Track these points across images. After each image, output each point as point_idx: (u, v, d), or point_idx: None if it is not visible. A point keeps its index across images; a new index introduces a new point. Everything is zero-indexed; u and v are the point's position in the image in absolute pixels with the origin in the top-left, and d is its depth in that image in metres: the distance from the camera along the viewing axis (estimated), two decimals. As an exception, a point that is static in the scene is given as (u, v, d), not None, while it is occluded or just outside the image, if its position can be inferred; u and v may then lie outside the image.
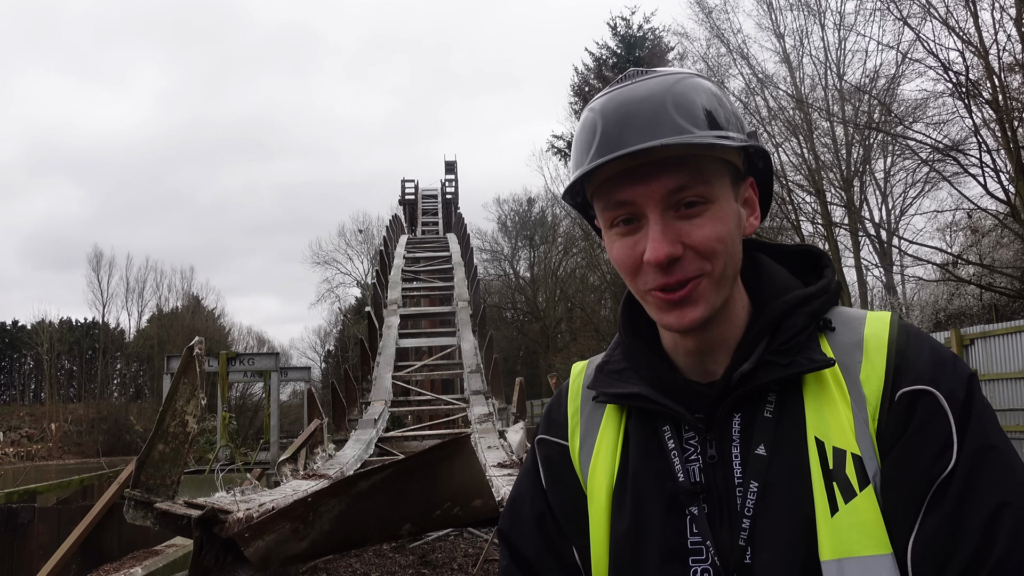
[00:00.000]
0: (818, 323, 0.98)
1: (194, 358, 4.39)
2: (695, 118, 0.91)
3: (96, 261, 55.50)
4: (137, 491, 4.16)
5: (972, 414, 0.88)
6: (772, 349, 0.95)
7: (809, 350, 0.95)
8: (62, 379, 58.23)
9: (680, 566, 0.94)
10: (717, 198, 0.93)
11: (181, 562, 6.74)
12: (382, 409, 11.10)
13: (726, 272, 0.94)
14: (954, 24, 14.33)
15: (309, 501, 3.36)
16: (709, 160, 0.93)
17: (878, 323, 0.97)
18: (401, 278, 17.82)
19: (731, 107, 0.97)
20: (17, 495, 11.88)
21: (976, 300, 19.28)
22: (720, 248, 0.92)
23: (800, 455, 0.91)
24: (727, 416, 0.96)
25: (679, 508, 0.96)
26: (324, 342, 56.67)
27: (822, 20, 21.77)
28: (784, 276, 1.04)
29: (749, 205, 1.01)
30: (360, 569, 8.88)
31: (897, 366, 0.92)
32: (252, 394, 44.81)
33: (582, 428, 1.09)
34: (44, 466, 37.45)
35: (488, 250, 46.37)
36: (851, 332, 0.97)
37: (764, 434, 0.93)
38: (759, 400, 0.96)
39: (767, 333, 0.97)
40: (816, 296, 1.00)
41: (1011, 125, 13.62)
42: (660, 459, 0.99)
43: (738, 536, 0.92)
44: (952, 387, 0.89)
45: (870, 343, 0.95)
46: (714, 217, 0.93)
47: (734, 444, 0.95)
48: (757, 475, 0.92)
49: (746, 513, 0.92)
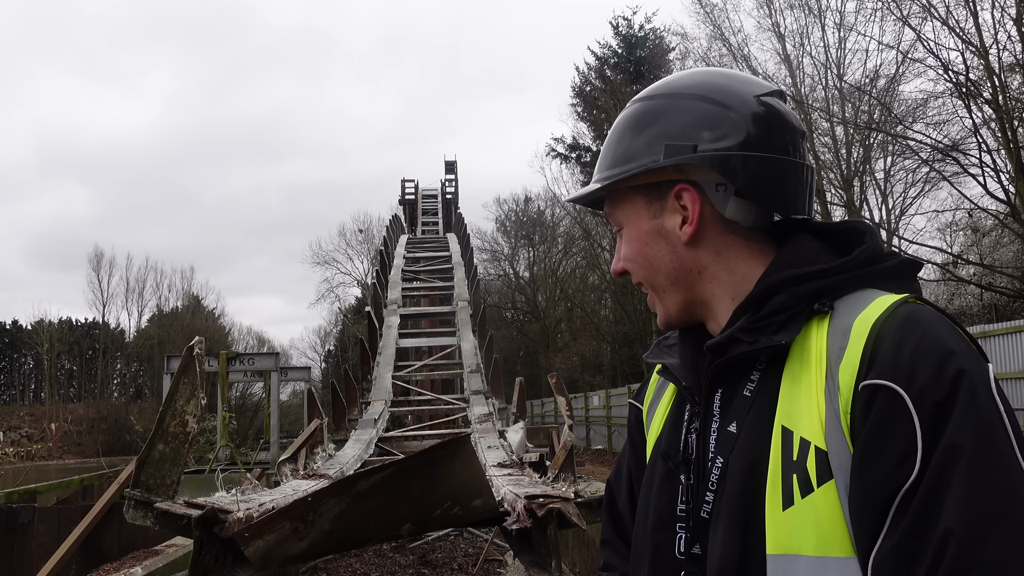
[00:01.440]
0: (811, 304, 0.93)
1: (194, 358, 4.39)
2: (615, 155, 1.06)
3: (96, 261, 55.49)
4: (137, 491, 4.15)
5: (950, 419, 0.76)
6: (743, 327, 0.94)
7: (782, 331, 0.91)
8: (62, 379, 58.23)
9: (668, 527, 1.00)
10: (622, 224, 1.07)
11: (181, 562, 6.74)
12: (382, 409, 11.09)
13: (655, 282, 1.05)
14: (954, 24, 14.34)
15: (309, 501, 3.36)
16: (619, 191, 1.06)
17: (875, 308, 0.88)
18: (401, 278, 17.81)
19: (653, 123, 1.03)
20: (17, 495, 11.88)
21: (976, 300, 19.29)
22: (631, 266, 1.06)
23: (762, 439, 0.90)
24: (710, 391, 0.99)
25: (674, 475, 1.01)
26: (324, 342, 56.73)
27: (822, 20, 21.78)
28: (807, 254, 0.98)
29: (686, 211, 1.02)
30: (360, 569, 8.87)
31: (868, 357, 0.83)
32: (252, 394, 44.81)
33: (653, 395, 1.18)
34: (44, 466, 37.44)
35: (488, 250, 46.39)
36: (848, 316, 0.90)
37: (739, 412, 0.94)
38: (742, 377, 0.96)
39: (750, 310, 0.96)
40: (816, 276, 0.94)
41: (1011, 125, 13.61)
42: (677, 428, 1.06)
43: (701, 508, 0.95)
44: (926, 385, 0.78)
45: (856, 328, 0.87)
46: (627, 239, 1.06)
47: (713, 419, 0.97)
48: (724, 452, 0.94)
49: (711, 488, 0.94)
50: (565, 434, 5.41)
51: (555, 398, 6.68)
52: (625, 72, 31.12)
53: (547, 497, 3.95)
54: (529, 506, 3.85)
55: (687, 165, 1.00)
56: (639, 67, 30.86)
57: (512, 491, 4.25)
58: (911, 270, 0.97)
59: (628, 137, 1.04)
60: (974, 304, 19.47)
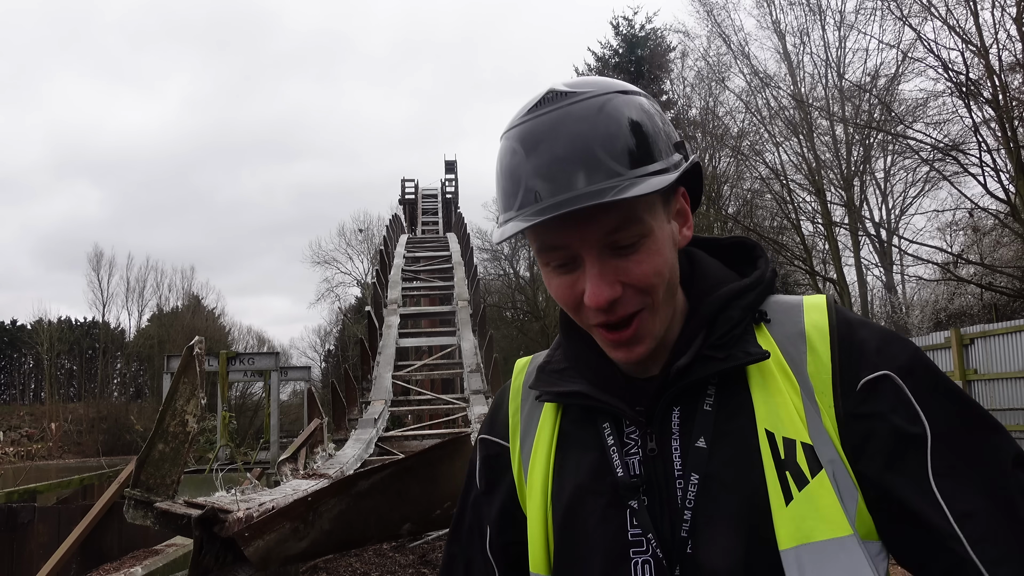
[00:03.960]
0: (754, 315, 0.98)
1: (194, 358, 4.39)
2: (624, 155, 0.87)
3: (96, 261, 55.54)
4: (137, 490, 4.15)
5: (924, 380, 0.92)
6: (709, 343, 0.96)
7: (745, 343, 0.95)
8: (62, 379, 58.23)
9: (620, 560, 0.94)
10: (651, 230, 0.91)
11: (181, 562, 6.75)
12: (382, 409, 11.10)
13: (666, 299, 0.95)
14: (954, 23, 14.34)
15: (309, 501, 3.36)
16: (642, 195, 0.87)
17: (816, 312, 0.97)
18: (401, 277, 17.81)
19: (659, 121, 0.94)
20: (17, 495, 11.89)
21: (976, 300, 19.29)
22: (657, 281, 0.92)
23: (746, 447, 0.92)
24: (666, 410, 0.97)
25: (618, 502, 0.96)
26: (324, 342, 56.68)
27: (823, 19, 21.80)
28: (718, 270, 1.04)
29: (682, 216, 0.99)
30: (360, 569, 8.87)
31: (843, 357, 0.93)
32: (252, 394, 44.84)
33: (522, 427, 1.10)
34: (44, 466, 37.48)
35: (488, 249, 46.37)
36: (791, 322, 0.97)
37: (704, 427, 0.94)
38: (698, 394, 0.96)
39: (703, 328, 0.98)
40: (751, 288, 1.00)
41: (1011, 124, 13.62)
42: (600, 454, 1.00)
43: (680, 528, 0.92)
44: (900, 364, 0.92)
45: (812, 334, 0.95)
46: (650, 251, 0.91)
47: (674, 437, 0.96)
48: (697, 467, 0.93)
49: (687, 505, 0.92)
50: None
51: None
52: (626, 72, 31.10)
53: (547, 497, 3.95)
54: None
55: None
56: (640, 67, 30.86)
57: (512, 491, 4.25)
58: (775, 278, 1.07)
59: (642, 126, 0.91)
60: (974, 304, 19.47)
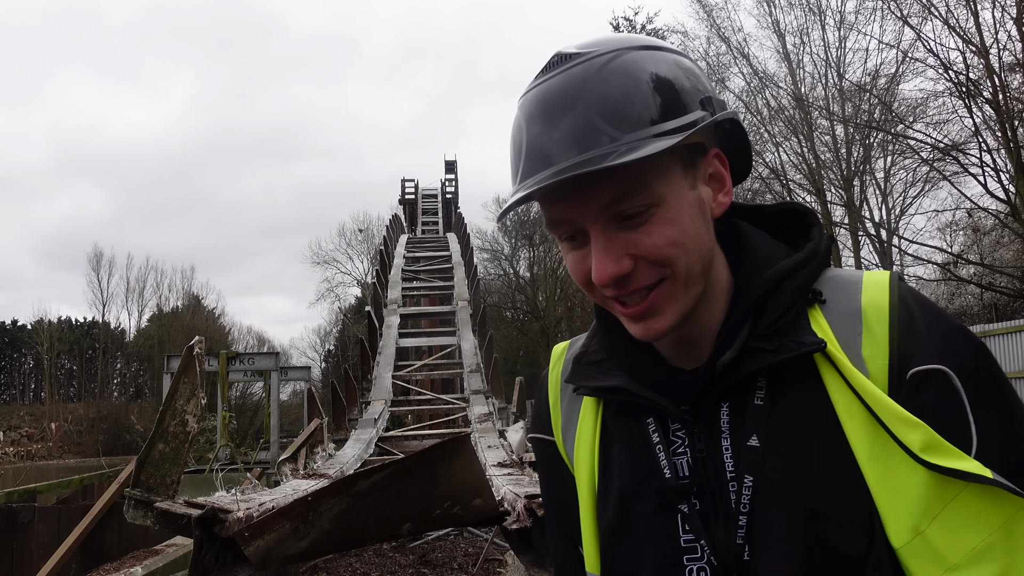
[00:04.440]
0: (807, 296, 0.88)
1: (194, 358, 4.39)
2: (625, 119, 0.81)
3: (96, 261, 55.57)
4: (137, 490, 4.15)
5: (986, 388, 0.82)
6: (757, 333, 0.87)
7: (798, 331, 0.86)
8: (62, 379, 58.22)
9: (673, 567, 0.88)
10: (663, 198, 0.83)
11: (181, 562, 6.74)
12: (382, 409, 11.10)
13: (691, 270, 0.85)
14: (955, 23, 14.35)
15: (309, 500, 3.36)
16: (657, 156, 0.80)
17: (876, 289, 0.87)
18: (401, 277, 17.81)
19: (681, 76, 0.86)
20: (17, 495, 11.89)
21: (976, 300, 19.30)
22: (675, 252, 0.83)
23: (802, 443, 0.84)
24: (714, 407, 0.89)
25: (668, 506, 0.90)
26: (324, 342, 56.67)
27: (823, 19, 21.81)
28: (766, 245, 0.94)
29: (717, 180, 0.90)
30: (360, 569, 8.88)
31: (902, 341, 0.83)
32: (252, 394, 44.82)
33: (563, 419, 1.04)
34: (44, 466, 37.47)
35: (488, 249, 46.39)
36: (847, 301, 0.87)
37: (756, 424, 0.86)
38: (748, 387, 0.87)
39: (750, 316, 0.88)
40: (803, 264, 0.90)
41: (1011, 125, 13.62)
42: (645, 454, 0.92)
43: (735, 534, 0.85)
44: (961, 361, 0.82)
45: (869, 314, 0.85)
46: (662, 221, 0.83)
47: (723, 436, 0.88)
48: (751, 468, 0.85)
49: (742, 509, 0.85)
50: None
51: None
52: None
53: (547, 497, 3.95)
54: (529, 505, 3.84)
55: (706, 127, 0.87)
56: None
57: (512, 490, 4.25)
58: (830, 250, 0.97)
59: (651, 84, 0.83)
60: (974, 304, 19.47)
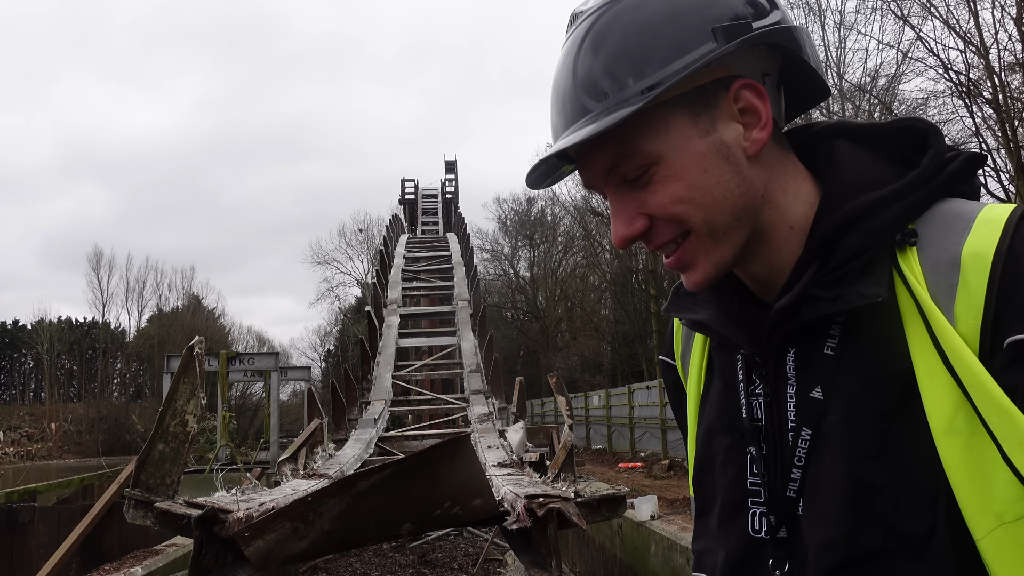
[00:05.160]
0: (893, 237, 0.76)
1: (194, 358, 4.39)
2: (592, 86, 0.78)
3: (96, 261, 55.74)
4: (137, 491, 4.15)
5: None
6: (816, 280, 0.78)
7: (865, 278, 0.76)
8: (62, 379, 58.24)
9: (740, 506, 0.86)
10: (661, 155, 0.79)
11: (181, 562, 6.75)
12: (382, 409, 11.09)
13: (713, 223, 0.80)
14: (955, 23, 14.35)
15: (309, 501, 3.36)
16: (648, 113, 0.77)
17: (986, 230, 0.72)
18: (401, 278, 17.81)
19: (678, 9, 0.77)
20: (17, 495, 11.90)
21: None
22: (682, 208, 0.79)
23: (868, 401, 0.75)
24: (780, 352, 0.82)
25: (739, 446, 0.87)
26: (324, 342, 56.75)
27: (822, 19, 21.81)
28: (863, 171, 0.82)
29: (752, 114, 0.80)
30: (360, 569, 8.88)
31: (1002, 300, 0.69)
32: (252, 394, 44.84)
33: (682, 346, 1.02)
34: (44, 466, 37.47)
35: (488, 250, 46.42)
36: (948, 244, 0.73)
37: (822, 375, 0.79)
38: (820, 333, 0.79)
39: (817, 256, 0.79)
40: (893, 199, 0.77)
41: (1011, 125, 13.62)
42: (730, 390, 0.89)
43: (787, 486, 0.81)
44: None
45: (968, 263, 0.71)
46: (663, 179, 0.79)
47: (789, 383, 0.82)
48: (810, 421, 0.79)
49: (796, 463, 0.80)
50: (565, 434, 5.41)
51: (555, 398, 6.68)
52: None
53: (547, 497, 3.95)
54: (529, 506, 3.85)
55: (735, 54, 0.78)
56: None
57: (512, 491, 4.25)
58: (977, 165, 0.81)
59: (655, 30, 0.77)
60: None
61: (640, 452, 20.64)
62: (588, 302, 40.24)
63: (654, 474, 15.93)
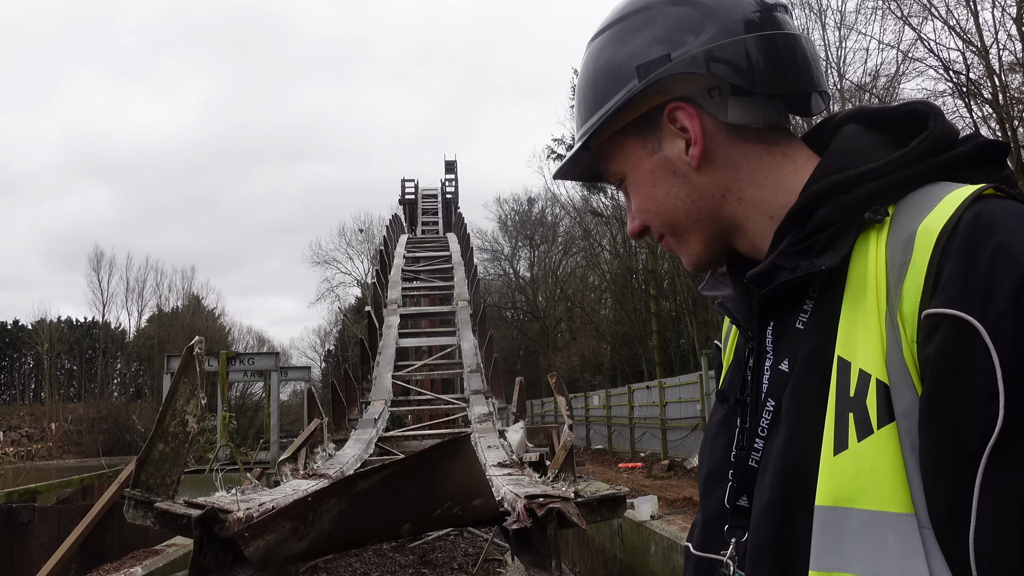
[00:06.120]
0: (863, 212, 0.77)
1: (194, 358, 4.39)
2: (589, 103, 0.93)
3: (96, 261, 55.79)
4: (137, 491, 4.15)
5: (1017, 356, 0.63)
6: (782, 250, 0.81)
7: (827, 252, 0.77)
8: (62, 379, 58.24)
9: (722, 476, 0.91)
10: (624, 174, 0.94)
11: (181, 562, 6.75)
12: (382, 409, 11.09)
13: (672, 226, 0.92)
14: (955, 23, 14.35)
15: (309, 501, 3.36)
16: (609, 142, 0.93)
17: (944, 207, 0.71)
18: (401, 278, 17.81)
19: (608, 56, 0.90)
20: (17, 495, 11.90)
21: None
22: (645, 216, 0.94)
23: (820, 375, 0.76)
24: (762, 325, 0.86)
25: (731, 420, 0.93)
26: (324, 342, 56.75)
27: (823, 19, 21.81)
28: (863, 151, 0.83)
29: (688, 131, 0.87)
30: (360, 569, 8.88)
31: (934, 274, 0.69)
32: (252, 394, 44.86)
33: (726, 331, 1.07)
34: (44, 466, 37.47)
35: (488, 250, 46.41)
36: (910, 222, 0.73)
37: (790, 347, 0.81)
38: (794, 307, 0.81)
39: (792, 228, 0.82)
40: (869, 177, 0.78)
41: (1011, 125, 13.62)
42: (739, 364, 0.95)
43: (749, 457, 0.85)
44: (1003, 311, 0.63)
45: (920, 238, 0.71)
46: (635, 191, 0.94)
47: (767, 356, 0.85)
48: (775, 393, 0.82)
49: (760, 434, 0.83)
50: (565, 434, 5.41)
51: (555, 398, 6.67)
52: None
53: (547, 497, 3.95)
54: (529, 506, 3.85)
55: (669, 80, 0.86)
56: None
57: (512, 491, 4.25)
58: (996, 154, 0.79)
59: (600, 77, 0.91)
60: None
61: (640, 452, 20.64)
62: (588, 302, 40.25)
63: (654, 474, 15.93)
